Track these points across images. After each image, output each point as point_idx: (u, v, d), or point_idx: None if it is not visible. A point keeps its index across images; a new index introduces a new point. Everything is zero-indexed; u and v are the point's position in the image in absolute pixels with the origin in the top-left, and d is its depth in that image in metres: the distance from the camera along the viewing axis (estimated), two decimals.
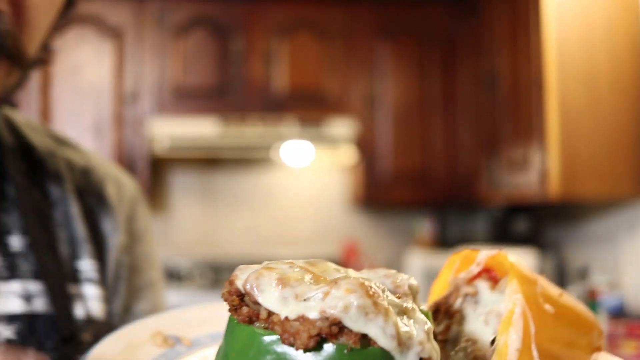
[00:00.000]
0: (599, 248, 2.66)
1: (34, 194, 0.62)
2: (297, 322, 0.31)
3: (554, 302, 0.39)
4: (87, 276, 0.62)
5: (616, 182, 2.27)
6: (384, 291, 0.33)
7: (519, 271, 0.39)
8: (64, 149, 0.69)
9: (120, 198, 0.70)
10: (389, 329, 0.31)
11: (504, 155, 2.64)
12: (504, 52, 2.64)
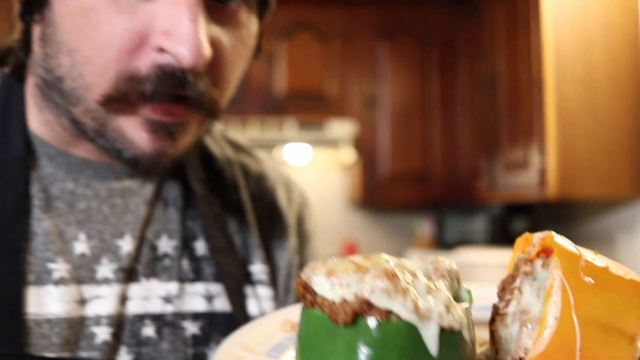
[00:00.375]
0: (597, 248, 2.67)
1: (213, 202, 0.67)
2: (341, 304, 0.39)
3: (597, 274, 0.43)
4: (258, 278, 0.68)
5: (614, 183, 2.28)
6: (415, 275, 0.40)
7: (562, 248, 0.43)
8: (240, 155, 0.75)
9: (290, 202, 0.75)
10: (408, 304, 0.38)
11: (502, 156, 2.65)
12: (503, 53, 2.65)
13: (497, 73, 2.69)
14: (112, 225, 0.62)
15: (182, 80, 0.52)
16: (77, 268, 0.60)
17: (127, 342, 0.60)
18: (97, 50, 0.52)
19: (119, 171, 0.63)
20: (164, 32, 0.51)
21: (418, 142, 3.28)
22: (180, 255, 0.65)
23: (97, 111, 0.54)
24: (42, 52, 0.56)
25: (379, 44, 3.26)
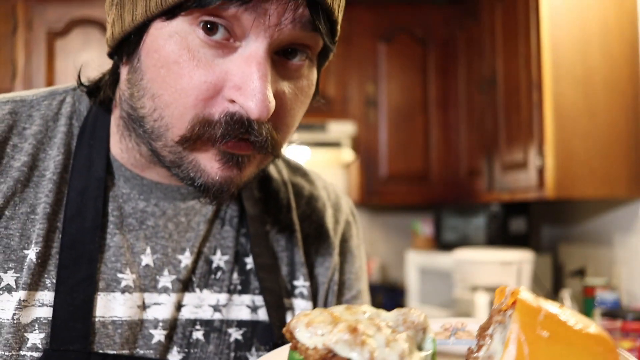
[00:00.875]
0: (595, 248, 2.69)
1: (265, 221, 0.76)
2: (313, 350, 0.47)
3: (554, 328, 0.48)
4: (300, 292, 0.75)
5: (612, 183, 2.30)
6: (380, 328, 0.48)
7: (524, 303, 0.49)
8: (296, 177, 0.82)
9: (337, 222, 0.82)
10: (365, 354, 0.45)
11: (501, 156, 2.67)
12: (501, 54, 2.67)
13: (496, 74, 2.71)
14: (175, 241, 0.71)
15: (249, 127, 0.59)
16: (142, 278, 0.68)
17: (179, 343, 0.69)
18: (177, 98, 0.59)
19: (185, 193, 0.71)
20: (235, 87, 0.58)
21: (417, 143, 3.30)
22: (232, 269, 0.73)
23: (174, 147, 0.61)
24: (128, 92, 0.64)
25: (378, 45, 3.29)
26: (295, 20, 0.57)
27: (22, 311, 0.63)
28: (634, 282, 2.42)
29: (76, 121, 0.72)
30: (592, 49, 2.30)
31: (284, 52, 0.60)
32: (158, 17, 0.59)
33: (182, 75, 0.58)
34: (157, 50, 0.60)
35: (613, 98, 2.30)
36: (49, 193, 0.66)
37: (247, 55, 0.57)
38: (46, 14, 3.06)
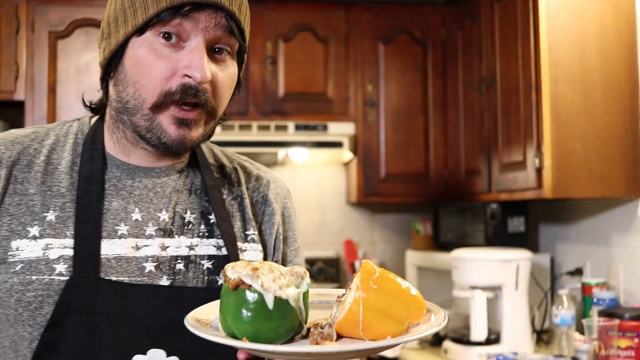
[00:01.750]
0: (593, 247, 2.71)
1: (221, 191, 1.07)
2: (232, 280, 0.78)
3: (382, 284, 0.79)
4: (251, 238, 1.07)
5: (610, 183, 2.32)
6: (272, 271, 0.79)
7: (366, 267, 0.80)
8: (245, 164, 1.15)
9: (277, 194, 1.14)
10: (259, 282, 0.76)
11: (500, 156, 2.69)
12: (500, 55, 2.69)
13: (495, 75, 2.73)
14: (155, 204, 1.01)
15: (196, 91, 0.92)
16: (133, 228, 0.98)
17: (166, 272, 0.97)
18: (149, 80, 0.92)
19: (159, 172, 1.03)
20: (185, 67, 0.91)
21: (417, 143, 3.32)
22: (200, 222, 1.03)
23: (148, 114, 0.94)
24: (115, 91, 0.97)
25: (378, 46, 3.30)
26: (217, 25, 0.92)
27: (49, 251, 0.93)
28: (631, 281, 2.44)
29: (80, 135, 1.04)
30: (589, 50, 2.32)
31: (213, 50, 0.94)
32: (133, 35, 0.92)
33: (151, 66, 0.92)
34: (134, 55, 0.93)
35: (611, 98, 2.32)
36: (62, 179, 0.98)
37: (192, 48, 0.92)
38: (48, 15, 3.08)
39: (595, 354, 2.13)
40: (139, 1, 0.91)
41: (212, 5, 0.91)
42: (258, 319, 0.77)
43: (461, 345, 2.59)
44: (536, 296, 2.86)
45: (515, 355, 2.35)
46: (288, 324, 0.78)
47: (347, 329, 0.79)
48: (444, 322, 0.80)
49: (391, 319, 0.78)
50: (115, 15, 0.94)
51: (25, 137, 1.01)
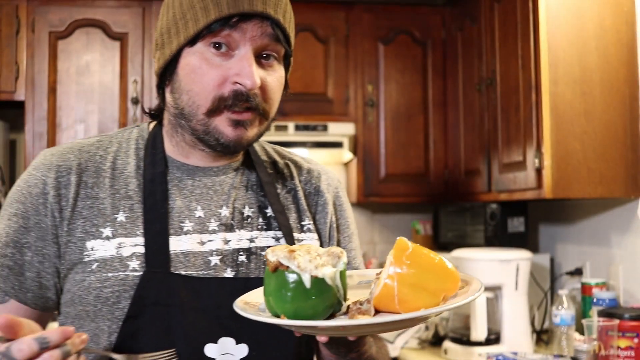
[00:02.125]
0: (592, 247, 2.71)
1: (276, 186, 1.14)
2: (272, 262, 0.83)
3: (415, 259, 0.82)
4: (307, 228, 1.13)
5: (609, 183, 2.32)
6: (309, 252, 0.83)
7: (400, 243, 0.84)
8: (296, 158, 1.21)
9: (329, 185, 1.20)
10: (295, 262, 0.81)
11: (500, 156, 2.69)
12: (500, 55, 2.69)
13: (495, 75, 2.73)
14: (215, 201, 1.07)
15: (247, 97, 0.98)
16: (197, 225, 1.04)
17: (230, 265, 1.03)
18: (202, 88, 0.98)
19: (217, 171, 1.10)
20: (235, 74, 0.97)
21: (417, 143, 3.32)
22: (257, 216, 1.09)
23: (203, 119, 1.00)
24: (172, 98, 1.03)
25: (378, 46, 3.31)
26: (264, 34, 0.98)
27: (122, 249, 0.99)
28: (631, 281, 2.44)
29: (141, 141, 1.10)
30: (589, 50, 2.32)
31: (261, 56, 1.00)
32: (185, 46, 0.99)
33: (203, 74, 0.98)
34: (187, 65, 0.99)
35: (610, 98, 2.32)
36: (129, 182, 1.05)
37: (241, 56, 0.97)
38: (48, 15, 3.09)
39: (595, 354, 2.13)
40: (190, 13, 0.97)
41: (258, 15, 0.96)
42: (297, 297, 0.81)
43: (461, 345, 2.60)
44: (536, 296, 2.86)
45: (515, 355, 2.36)
46: (326, 302, 0.83)
47: (383, 304, 0.82)
48: (478, 293, 0.81)
49: (426, 292, 0.81)
50: (167, 27, 1.01)
51: (90, 145, 1.08)
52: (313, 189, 1.17)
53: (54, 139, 3.07)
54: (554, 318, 2.43)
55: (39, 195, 1.01)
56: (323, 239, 1.15)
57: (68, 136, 3.08)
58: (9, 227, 1.01)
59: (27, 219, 1.01)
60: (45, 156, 1.05)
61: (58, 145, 1.09)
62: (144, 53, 3.13)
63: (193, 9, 0.97)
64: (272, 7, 0.97)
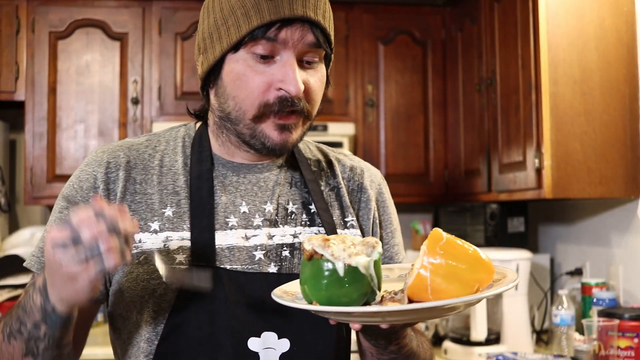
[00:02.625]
0: (592, 247, 2.71)
1: (319, 183, 1.15)
2: (307, 250, 0.85)
3: (449, 249, 0.82)
4: (350, 224, 1.14)
5: (609, 183, 2.32)
6: (344, 241, 0.85)
7: (433, 234, 0.84)
8: (339, 156, 1.23)
9: (371, 182, 1.21)
10: (329, 251, 0.83)
11: (500, 157, 2.69)
12: (500, 55, 2.69)
13: (495, 75, 2.73)
14: (260, 197, 1.10)
15: (291, 102, 1.00)
16: (242, 220, 1.07)
17: (274, 260, 1.06)
18: (247, 94, 1.00)
19: (261, 167, 1.12)
20: (279, 80, 0.99)
21: (417, 143, 3.32)
22: (301, 212, 1.11)
23: (250, 125, 1.03)
24: (217, 102, 1.07)
25: (378, 46, 3.31)
26: (305, 39, 0.99)
27: (169, 243, 1.02)
28: (631, 281, 2.44)
29: (188, 139, 1.13)
30: (589, 51, 2.32)
31: (303, 59, 1.01)
32: (229, 52, 1.01)
33: (248, 81, 1.00)
34: (232, 71, 1.01)
35: (610, 98, 2.32)
36: (176, 179, 1.08)
37: (283, 62, 0.99)
38: (49, 15, 3.09)
39: (595, 354, 2.13)
40: (231, 19, 0.99)
41: (299, 19, 0.98)
42: (331, 285, 0.83)
43: (461, 345, 2.60)
44: (536, 296, 2.86)
45: (515, 355, 2.36)
46: (360, 290, 0.84)
47: (417, 294, 0.83)
48: (512, 284, 0.81)
49: (459, 282, 0.81)
50: (209, 31, 1.03)
51: (140, 144, 1.12)
52: (356, 186, 1.19)
53: (54, 139, 3.07)
54: (554, 318, 2.43)
55: (90, 189, 1.06)
56: (366, 235, 1.17)
57: (68, 136, 3.08)
58: (62, 221, 1.04)
59: None
60: (97, 153, 1.10)
61: (109, 144, 1.12)
62: (144, 53, 3.13)
63: (234, 14, 0.99)
64: (312, 10, 0.99)
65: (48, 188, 3.05)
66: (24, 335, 0.94)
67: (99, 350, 2.60)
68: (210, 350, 0.99)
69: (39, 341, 0.93)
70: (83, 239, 0.80)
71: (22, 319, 0.94)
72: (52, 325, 0.92)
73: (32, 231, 3.13)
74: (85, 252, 0.81)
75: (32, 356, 0.95)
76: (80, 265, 0.81)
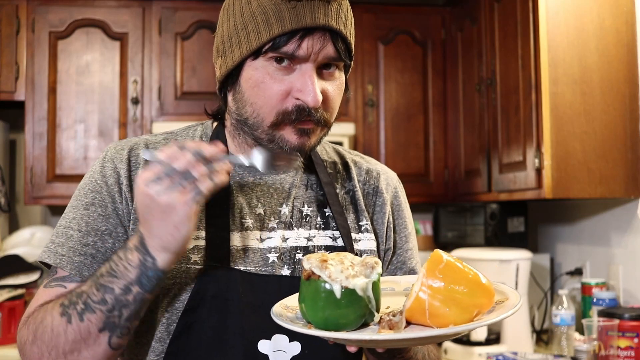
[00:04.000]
0: (592, 247, 2.71)
1: (335, 186, 1.15)
2: (306, 270, 0.85)
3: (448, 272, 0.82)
4: (365, 228, 1.14)
5: (609, 183, 2.32)
6: (342, 262, 0.84)
7: (434, 256, 0.84)
8: (356, 158, 1.23)
9: (387, 185, 1.21)
10: (326, 272, 0.83)
11: (500, 156, 2.69)
12: (500, 55, 2.69)
13: (495, 75, 2.73)
14: (276, 199, 1.10)
15: (309, 112, 0.99)
16: (257, 221, 1.07)
17: (287, 262, 1.06)
18: (266, 102, 1.00)
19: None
20: (298, 90, 0.99)
21: (416, 143, 3.32)
22: (316, 215, 1.11)
23: (268, 131, 1.02)
24: (234, 107, 1.06)
25: (378, 46, 3.31)
26: (324, 50, 0.99)
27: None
28: (631, 281, 2.44)
29: (205, 138, 1.13)
30: (589, 50, 2.32)
31: (323, 67, 1.01)
32: (248, 58, 1.00)
33: (266, 89, 0.99)
34: (251, 78, 1.00)
35: (610, 98, 2.32)
36: None
37: (302, 72, 0.98)
38: (48, 15, 3.09)
39: (595, 354, 2.13)
40: (252, 25, 0.98)
41: (320, 28, 0.97)
42: (327, 307, 0.83)
43: (461, 345, 2.60)
44: (536, 296, 2.86)
45: (515, 356, 2.36)
46: (357, 312, 0.84)
47: (415, 317, 0.82)
48: (512, 311, 0.80)
49: (457, 307, 0.80)
50: (229, 35, 1.02)
51: (157, 143, 1.12)
52: (371, 189, 1.19)
53: (54, 139, 3.07)
54: (554, 318, 2.43)
55: (115, 185, 1.05)
56: (380, 239, 1.17)
57: (68, 136, 3.08)
58: (88, 217, 1.03)
59: (105, 207, 1.04)
60: (116, 149, 1.09)
61: (127, 140, 1.12)
62: (144, 53, 3.13)
63: (255, 20, 0.98)
64: (334, 18, 0.98)
65: (48, 188, 3.05)
66: (107, 304, 0.91)
67: None
68: (220, 351, 0.99)
69: (124, 308, 0.92)
70: (176, 167, 0.84)
71: (107, 286, 0.91)
72: (145, 284, 0.91)
73: (32, 231, 3.13)
74: (179, 179, 0.84)
75: (108, 330, 0.93)
76: (176, 191, 0.84)
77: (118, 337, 0.94)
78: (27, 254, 2.94)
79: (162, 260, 0.90)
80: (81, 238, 1.02)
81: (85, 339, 0.93)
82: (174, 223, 0.86)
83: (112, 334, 0.93)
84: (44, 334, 0.95)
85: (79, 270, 1.01)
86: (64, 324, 0.93)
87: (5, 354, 2.65)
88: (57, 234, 1.05)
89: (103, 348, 0.94)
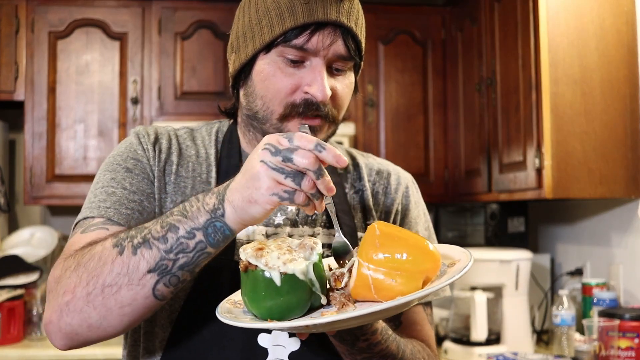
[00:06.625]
0: (593, 247, 2.71)
1: (343, 186, 1.18)
2: (242, 262, 0.82)
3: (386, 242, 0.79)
4: None
5: (610, 183, 2.32)
6: (280, 247, 0.82)
7: (368, 229, 0.81)
8: (367, 159, 1.25)
9: (398, 185, 1.22)
10: (262, 261, 0.80)
11: (500, 156, 2.69)
12: (500, 55, 2.69)
13: (495, 75, 2.73)
14: None
15: (317, 107, 1.02)
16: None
17: None
18: (275, 94, 1.02)
19: None
20: (307, 84, 1.01)
21: (417, 143, 3.32)
22: (322, 214, 1.12)
23: (276, 124, 1.04)
24: (245, 101, 1.09)
25: (378, 46, 3.31)
26: (334, 46, 1.01)
27: None
28: (631, 281, 2.44)
29: (220, 134, 1.17)
30: (589, 50, 2.32)
31: (334, 68, 1.04)
32: (260, 52, 1.02)
33: (277, 82, 1.02)
34: (262, 71, 1.03)
35: (610, 98, 2.32)
36: (209, 170, 1.12)
37: (312, 67, 1.01)
38: (48, 15, 3.08)
39: (596, 354, 2.13)
40: (265, 19, 1.01)
41: (332, 23, 0.99)
42: (269, 296, 0.79)
43: (461, 346, 2.60)
44: (536, 296, 2.86)
45: (515, 356, 2.36)
46: (301, 297, 0.80)
47: (361, 293, 0.79)
48: (461, 273, 0.75)
49: (403, 276, 0.77)
50: (243, 31, 1.05)
51: (180, 135, 1.15)
52: (381, 189, 1.21)
53: (53, 138, 3.06)
54: (555, 318, 2.43)
55: (151, 158, 1.09)
56: None
57: (68, 136, 3.07)
58: (132, 178, 1.06)
59: (147, 174, 1.08)
60: (146, 131, 1.13)
61: (151, 125, 1.14)
62: (144, 53, 3.13)
63: (268, 15, 1.01)
64: (345, 15, 1.00)
65: (47, 188, 3.05)
66: (167, 243, 0.86)
67: (99, 350, 2.60)
68: (220, 342, 1.00)
69: (181, 254, 0.86)
70: (294, 162, 0.79)
71: (173, 224, 0.86)
72: (210, 233, 0.85)
73: (31, 231, 3.13)
74: (285, 173, 0.79)
75: (158, 273, 0.86)
76: (272, 180, 0.80)
77: (165, 285, 0.87)
78: (26, 254, 2.94)
79: (232, 217, 0.84)
80: (127, 195, 1.03)
81: (131, 275, 0.86)
82: (255, 196, 0.81)
83: (159, 279, 0.87)
84: (90, 260, 0.89)
85: (126, 221, 0.99)
86: (115, 254, 0.88)
87: (6, 354, 2.64)
88: (94, 194, 1.03)
89: (145, 292, 0.87)
